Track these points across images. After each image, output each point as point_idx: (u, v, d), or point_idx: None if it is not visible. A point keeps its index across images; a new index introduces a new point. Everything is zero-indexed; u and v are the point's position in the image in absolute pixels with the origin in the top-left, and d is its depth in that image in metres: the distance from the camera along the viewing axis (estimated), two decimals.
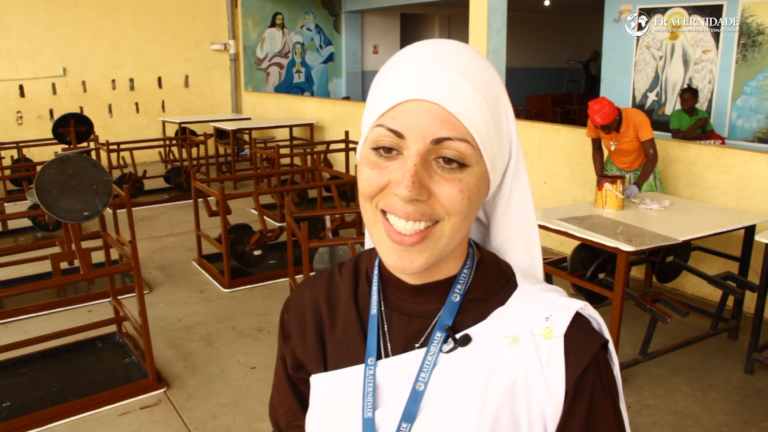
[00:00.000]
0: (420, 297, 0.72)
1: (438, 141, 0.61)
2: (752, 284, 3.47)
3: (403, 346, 0.71)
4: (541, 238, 0.77)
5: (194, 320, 3.96)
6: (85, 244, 4.03)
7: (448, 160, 0.62)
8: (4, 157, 7.21)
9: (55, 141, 6.66)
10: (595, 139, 4.43)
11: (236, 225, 4.87)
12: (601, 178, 3.71)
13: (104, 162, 7.32)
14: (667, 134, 6.08)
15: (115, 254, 4.74)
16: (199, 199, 4.90)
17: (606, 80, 7.59)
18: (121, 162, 7.71)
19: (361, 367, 0.72)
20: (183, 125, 8.63)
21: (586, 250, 3.78)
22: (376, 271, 0.76)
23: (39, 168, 3.14)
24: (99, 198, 3.20)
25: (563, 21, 13.23)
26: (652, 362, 3.38)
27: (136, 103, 9.61)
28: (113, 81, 9.36)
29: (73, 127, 6.53)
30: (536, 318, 0.67)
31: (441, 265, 0.70)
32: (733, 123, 6.52)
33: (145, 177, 7.16)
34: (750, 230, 3.55)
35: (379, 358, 0.72)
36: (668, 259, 3.85)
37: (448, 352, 0.68)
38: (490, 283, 0.72)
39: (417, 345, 0.71)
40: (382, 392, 0.70)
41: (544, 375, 0.65)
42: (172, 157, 8.47)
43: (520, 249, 0.75)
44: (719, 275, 3.67)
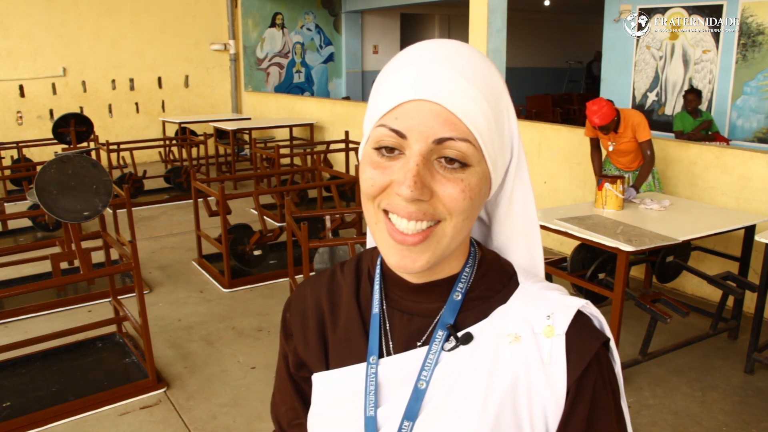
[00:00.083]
0: (422, 296, 0.72)
1: (440, 141, 0.61)
2: (752, 284, 3.48)
3: (405, 345, 0.72)
4: (542, 238, 0.78)
5: (194, 320, 3.96)
6: (85, 244, 4.03)
7: (450, 160, 0.62)
8: (4, 157, 7.21)
9: (55, 141, 6.66)
10: (594, 139, 4.43)
11: (236, 225, 4.87)
12: (601, 178, 3.71)
13: (104, 162, 7.32)
14: (669, 134, 6.08)
15: (115, 254, 4.74)
16: (199, 199, 4.90)
17: (606, 80, 7.59)
18: (121, 162, 7.71)
19: (363, 366, 0.72)
20: (183, 125, 8.63)
21: (586, 250, 3.78)
22: (377, 269, 0.76)
23: (39, 168, 3.14)
24: (99, 198, 3.20)
25: (563, 21, 13.24)
26: (652, 362, 3.38)
27: (136, 103, 9.61)
28: (113, 81, 9.36)
29: (73, 127, 6.53)
30: (538, 316, 0.67)
31: (443, 264, 0.70)
32: (733, 123, 6.53)
33: (145, 177, 7.16)
34: (750, 230, 3.55)
35: (380, 356, 0.72)
36: (668, 259, 3.85)
37: (449, 351, 0.68)
38: (491, 281, 0.72)
39: (419, 343, 0.71)
40: (384, 390, 0.71)
41: (545, 373, 0.65)
42: (172, 157, 8.47)
43: (521, 248, 0.75)
44: (719, 275, 3.67)
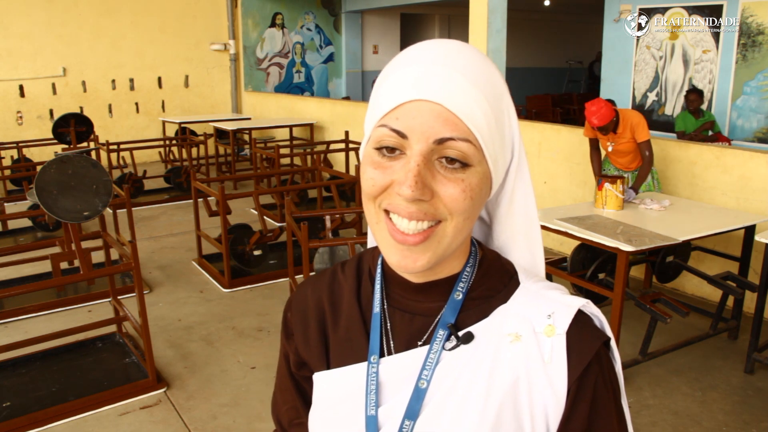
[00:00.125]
0: (423, 295, 0.72)
1: (441, 141, 0.62)
2: (752, 284, 3.48)
3: (406, 344, 0.72)
4: (542, 238, 0.78)
5: (194, 320, 3.96)
6: (85, 244, 4.03)
7: (451, 160, 0.62)
8: (4, 157, 7.21)
9: (55, 141, 6.66)
10: (593, 140, 4.43)
11: (236, 225, 4.87)
12: (601, 178, 3.71)
13: (104, 162, 7.32)
14: (669, 134, 6.08)
15: (115, 254, 4.74)
16: (199, 199, 4.90)
17: (606, 80, 7.59)
18: (121, 162, 7.71)
19: (364, 365, 0.72)
20: (183, 125, 8.63)
21: (586, 250, 3.78)
22: (378, 269, 0.76)
23: (39, 168, 3.14)
24: (99, 198, 3.20)
25: (563, 21, 13.24)
26: (652, 362, 3.38)
27: (136, 103, 9.61)
28: (113, 81, 9.36)
29: (73, 127, 6.53)
30: (538, 315, 0.67)
31: (444, 264, 0.70)
32: (733, 123, 6.53)
33: (145, 177, 7.16)
34: (750, 230, 3.55)
35: (381, 355, 0.72)
36: (668, 259, 3.85)
37: (450, 350, 0.69)
38: (492, 281, 0.72)
39: (420, 343, 0.71)
40: (385, 390, 0.71)
41: (546, 372, 0.65)
42: (172, 157, 8.47)
43: (522, 247, 0.75)
44: (719, 275, 3.67)
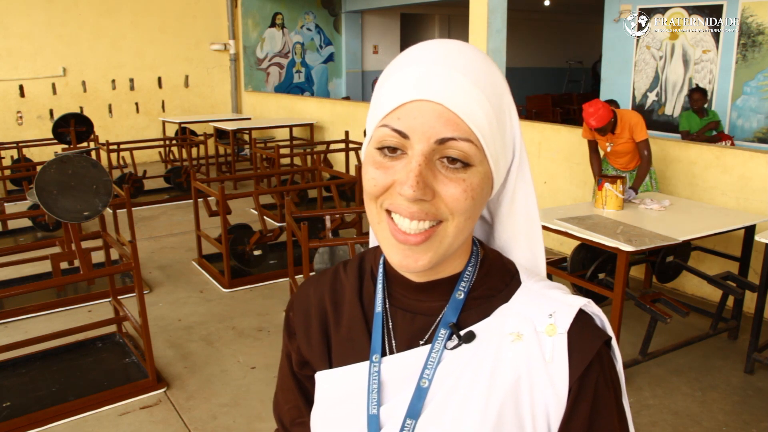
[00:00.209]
0: (424, 294, 0.72)
1: (442, 141, 0.62)
2: (752, 284, 3.48)
3: (408, 343, 0.72)
4: (543, 238, 0.78)
5: (194, 320, 3.96)
6: (85, 244, 4.03)
7: (452, 160, 0.63)
8: (4, 157, 7.21)
9: (55, 141, 6.66)
10: (592, 142, 4.43)
11: (236, 225, 4.87)
12: (601, 179, 3.71)
13: (104, 162, 7.32)
14: (670, 134, 6.08)
15: (115, 254, 4.74)
16: (199, 199, 4.90)
17: (606, 80, 7.59)
18: (121, 162, 7.71)
19: (366, 364, 0.72)
20: (183, 125, 8.63)
21: (586, 250, 3.78)
22: (380, 269, 0.76)
23: (39, 168, 3.14)
24: (99, 198, 3.20)
25: (563, 21, 13.24)
26: (652, 362, 3.38)
27: (136, 103, 9.61)
28: (113, 81, 9.36)
29: (73, 127, 6.53)
30: (540, 315, 0.68)
31: (445, 263, 0.70)
32: (733, 123, 6.53)
33: (145, 177, 7.16)
34: (750, 230, 3.55)
35: (383, 355, 0.72)
36: (668, 259, 3.85)
37: (452, 349, 0.69)
38: (493, 280, 0.72)
39: (421, 342, 0.71)
40: (387, 389, 0.71)
41: (547, 372, 0.65)
42: (172, 157, 8.47)
43: (523, 247, 0.76)
44: (719, 275, 3.67)
